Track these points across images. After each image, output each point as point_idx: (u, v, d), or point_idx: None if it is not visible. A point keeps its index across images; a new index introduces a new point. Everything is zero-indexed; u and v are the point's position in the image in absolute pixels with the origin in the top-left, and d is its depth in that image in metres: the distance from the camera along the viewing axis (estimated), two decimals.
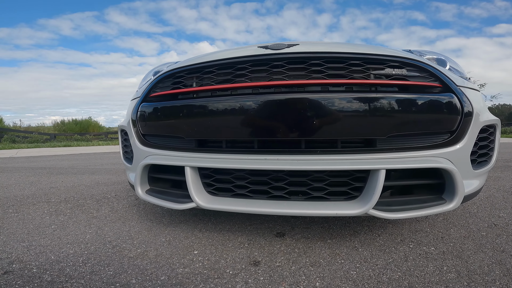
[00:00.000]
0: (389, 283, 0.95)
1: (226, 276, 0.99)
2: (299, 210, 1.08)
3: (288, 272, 1.01)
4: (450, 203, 1.11)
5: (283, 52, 1.16)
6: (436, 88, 1.14)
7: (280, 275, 0.99)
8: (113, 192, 2.30)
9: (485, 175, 1.42)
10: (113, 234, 1.38)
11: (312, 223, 1.49)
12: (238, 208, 1.12)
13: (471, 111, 1.16)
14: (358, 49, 1.18)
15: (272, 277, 0.98)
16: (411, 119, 1.09)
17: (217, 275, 0.99)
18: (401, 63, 1.13)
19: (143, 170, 1.31)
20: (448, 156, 1.14)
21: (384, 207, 1.09)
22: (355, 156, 1.10)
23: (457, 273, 1.01)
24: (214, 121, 1.15)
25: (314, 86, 1.11)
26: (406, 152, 1.12)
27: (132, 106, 1.46)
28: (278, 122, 1.09)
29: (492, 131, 1.37)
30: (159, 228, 1.44)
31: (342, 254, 1.15)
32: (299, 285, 0.94)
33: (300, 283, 0.94)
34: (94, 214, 1.71)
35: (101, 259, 1.11)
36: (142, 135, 1.36)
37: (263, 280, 0.96)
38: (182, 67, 1.29)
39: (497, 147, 1.40)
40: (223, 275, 0.99)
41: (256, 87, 1.14)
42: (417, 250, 1.19)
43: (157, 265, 1.06)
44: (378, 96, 1.07)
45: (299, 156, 1.11)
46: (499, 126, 1.39)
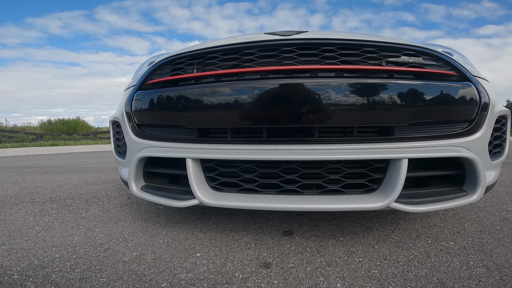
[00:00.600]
0: (417, 280, 0.87)
1: (236, 280, 0.88)
2: (315, 205, 0.98)
3: (304, 274, 0.91)
4: (473, 195, 1.05)
5: (293, 38, 1.09)
6: (453, 77, 1.08)
7: (296, 277, 0.89)
8: (103, 191, 2.15)
9: (499, 167, 1.37)
10: (105, 236, 1.25)
11: (320, 220, 1.40)
12: (247, 204, 1.01)
13: (487, 100, 1.11)
14: (371, 37, 1.13)
15: (287, 280, 0.88)
16: (431, 107, 1.03)
17: (225, 280, 0.88)
18: (416, 52, 1.08)
19: (138, 164, 1.18)
20: (468, 145, 1.09)
21: (406, 199, 1.01)
22: (374, 145, 1.02)
23: (485, 268, 0.93)
24: (220, 107, 1.04)
25: (328, 71, 1.03)
26: (426, 141, 1.05)
27: (126, 96, 1.33)
28: (290, 109, 0.99)
29: (504, 121, 1.33)
30: (156, 229, 1.32)
31: (359, 252, 1.06)
32: (319, 287, 0.84)
33: (319, 285, 0.85)
34: (82, 214, 1.57)
35: (92, 264, 0.99)
36: (137, 126, 1.24)
37: (278, 284, 0.86)
38: (183, 53, 1.18)
39: (508, 138, 1.37)
40: (232, 279, 0.88)
41: (266, 72, 1.04)
42: (436, 245, 1.12)
43: (156, 271, 0.94)
44: (397, 83, 1.00)
45: (313, 146, 1.01)
46: (510, 117, 1.36)
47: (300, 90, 0.99)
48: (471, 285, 0.84)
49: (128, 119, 1.29)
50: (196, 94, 1.07)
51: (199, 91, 1.06)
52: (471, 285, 0.83)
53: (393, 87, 1.00)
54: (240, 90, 1.02)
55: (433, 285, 0.84)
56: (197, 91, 1.07)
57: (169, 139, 1.17)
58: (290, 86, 0.99)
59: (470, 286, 0.83)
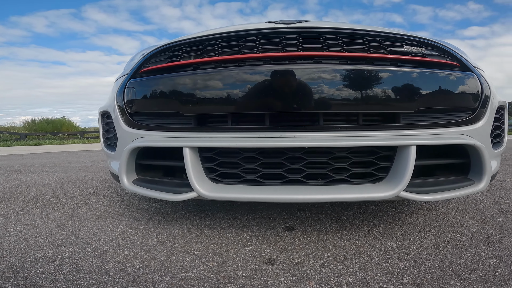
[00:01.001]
0: (431, 272, 0.82)
1: (240, 279, 0.81)
2: (322, 195, 0.93)
3: (312, 269, 0.85)
4: (480, 183, 1.03)
5: (297, 26, 1.07)
6: (456, 67, 1.09)
7: (303, 273, 0.83)
8: (91, 189, 2.04)
9: (500, 157, 1.37)
10: (93, 234, 1.16)
11: (321, 215, 1.34)
12: (249, 196, 0.95)
13: (489, 90, 1.12)
14: (374, 28, 1.14)
15: (294, 277, 0.82)
16: (436, 95, 1.02)
17: (228, 279, 0.81)
18: (419, 42, 1.09)
19: (130, 155, 1.10)
20: (472, 133, 1.08)
21: (415, 188, 0.98)
22: (381, 132, 0.99)
23: (497, 259, 0.90)
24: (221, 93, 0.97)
25: (333, 58, 1.01)
26: (432, 129, 1.04)
27: (117, 85, 1.25)
28: (295, 95, 0.95)
29: (502, 112, 1.34)
30: (149, 227, 1.24)
31: (365, 246, 1.01)
32: (329, 283, 0.78)
33: (330, 281, 0.79)
34: (68, 212, 1.47)
35: (79, 265, 0.90)
36: (130, 115, 1.15)
37: (285, 281, 0.79)
38: (181, 40, 1.12)
39: (506, 128, 1.37)
40: (236, 278, 0.82)
41: (269, 58, 1.00)
42: (443, 237, 1.09)
43: (151, 271, 0.86)
44: (403, 71, 1.00)
45: (319, 133, 0.96)
46: (507, 108, 1.37)
47: (305, 76, 0.95)
48: (488, 275, 0.80)
49: (119, 108, 1.20)
50: (196, 79, 1.00)
51: (200, 77, 0.99)
52: (488, 276, 0.80)
53: (399, 75, 0.99)
54: (243, 75, 0.96)
55: (449, 277, 0.80)
56: (197, 77, 1.00)
57: (164, 128, 1.09)
58: (295, 72, 0.94)
59: (488, 276, 0.79)
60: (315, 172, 1.02)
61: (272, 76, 0.95)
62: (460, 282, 0.77)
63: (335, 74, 0.95)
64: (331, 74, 0.95)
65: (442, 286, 0.76)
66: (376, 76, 0.97)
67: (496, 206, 1.49)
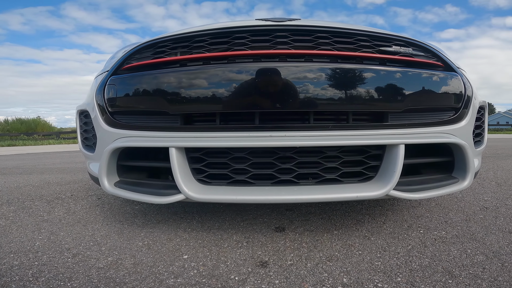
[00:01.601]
0: (423, 270, 0.83)
1: (233, 283, 0.78)
2: (314, 195, 0.92)
3: (306, 271, 0.84)
4: (464, 181, 1.06)
5: (287, 24, 1.06)
6: (440, 67, 1.11)
7: (297, 275, 0.82)
8: (68, 192, 1.94)
9: (481, 155, 1.43)
10: (72, 240, 1.10)
11: (310, 215, 1.34)
12: (239, 197, 0.92)
13: (471, 90, 1.15)
14: (363, 27, 1.14)
15: (289, 279, 0.80)
16: (423, 95, 1.03)
17: (220, 284, 0.78)
18: (406, 42, 1.10)
19: (110, 156, 1.04)
20: (456, 132, 1.10)
21: (404, 187, 0.99)
22: (371, 131, 0.99)
23: (484, 256, 0.92)
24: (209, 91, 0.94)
25: (323, 57, 1.00)
26: (419, 128, 1.05)
27: (97, 82, 1.18)
28: (285, 94, 0.93)
29: (483, 112, 1.39)
30: (133, 231, 1.18)
31: (356, 245, 1.01)
32: (324, 284, 0.77)
33: (325, 282, 0.78)
34: (44, 217, 1.38)
35: (59, 272, 0.84)
36: (110, 114, 1.09)
37: (280, 284, 0.77)
38: (167, 36, 1.08)
39: (486, 128, 1.43)
40: (228, 282, 0.78)
41: (259, 55, 0.98)
42: (429, 235, 1.10)
43: (138, 277, 0.82)
44: (391, 70, 1.00)
45: (309, 132, 0.95)
46: (487, 108, 1.42)
47: (296, 74, 0.93)
48: (477, 272, 0.81)
49: (99, 107, 1.14)
50: (183, 76, 0.96)
51: (188, 74, 0.95)
52: (477, 273, 0.81)
53: (388, 74, 0.99)
54: (232, 73, 0.93)
55: (441, 274, 0.80)
56: (185, 74, 0.96)
57: (148, 127, 1.04)
58: (285, 70, 0.92)
59: (477, 273, 0.81)
60: (306, 172, 1.01)
61: (262, 74, 0.93)
62: (452, 279, 0.78)
63: (325, 73, 0.94)
64: (321, 73, 0.94)
65: (434, 283, 0.76)
66: (366, 75, 0.97)
67: (476, 203, 1.54)
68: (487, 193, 1.77)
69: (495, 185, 1.99)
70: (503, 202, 1.54)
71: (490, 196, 1.69)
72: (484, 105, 1.37)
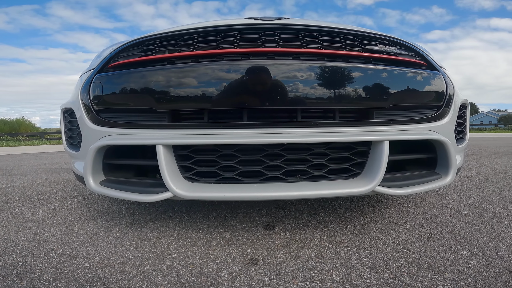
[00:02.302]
0: (410, 265, 0.85)
1: (223, 281, 0.78)
2: (302, 191, 0.92)
3: (295, 267, 0.84)
4: (447, 177, 1.09)
5: (276, 23, 1.07)
6: (423, 66, 1.13)
7: (287, 272, 0.82)
8: (53, 192, 1.89)
9: (463, 152, 1.46)
10: (57, 240, 1.07)
11: (299, 212, 1.35)
12: (228, 194, 0.92)
13: (453, 88, 1.17)
14: (350, 26, 1.15)
15: (279, 276, 0.80)
16: (407, 93, 1.05)
17: (210, 282, 0.77)
18: (391, 42, 1.12)
19: (96, 154, 1.02)
20: (439, 129, 1.13)
21: (389, 183, 1.01)
22: (357, 128, 1.01)
23: (468, 251, 0.94)
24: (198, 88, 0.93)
25: (311, 55, 1.02)
26: (403, 125, 1.07)
27: (82, 80, 1.16)
28: (273, 91, 0.94)
29: (464, 110, 1.43)
30: (120, 230, 1.16)
31: (345, 242, 1.02)
32: (314, 280, 0.77)
33: (314, 278, 0.78)
34: (28, 217, 1.34)
35: (44, 272, 0.82)
36: (96, 112, 1.07)
37: (270, 281, 0.78)
38: (156, 34, 1.07)
39: (468, 125, 1.46)
40: (218, 280, 0.78)
41: (247, 53, 0.98)
42: (415, 231, 1.13)
43: (126, 276, 0.80)
44: (377, 68, 1.02)
45: (297, 129, 0.96)
46: (469, 106, 1.45)
47: (284, 72, 0.94)
48: (461, 267, 0.83)
49: (84, 105, 1.11)
50: (171, 74, 0.95)
51: (176, 72, 0.95)
52: (462, 268, 0.83)
53: (374, 72, 1.01)
54: (221, 71, 0.93)
55: (427, 270, 0.82)
56: (173, 71, 0.95)
57: (135, 125, 1.02)
58: (273, 68, 0.93)
59: (462, 268, 0.83)
60: (294, 168, 1.01)
61: (250, 71, 0.93)
62: (438, 274, 0.80)
63: (313, 71, 0.96)
64: (309, 71, 0.95)
65: (421, 279, 0.78)
66: (352, 73, 0.98)
67: (460, 200, 1.58)
68: (470, 190, 1.82)
69: (478, 182, 2.05)
70: (486, 199, 1.59)
71: (473, 192, 1.74)
72: (466, 103, 1.40)
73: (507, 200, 1.55)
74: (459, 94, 1.30)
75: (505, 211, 1.36)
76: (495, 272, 0.80)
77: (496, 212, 1.34)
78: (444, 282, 0.76)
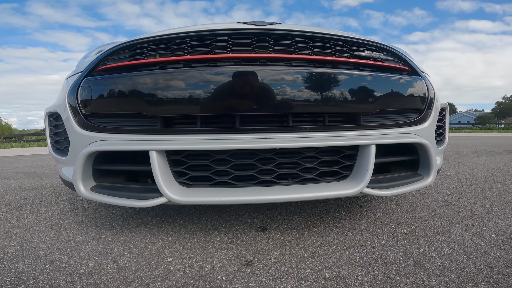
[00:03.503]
0: (397, 263, 0.89)
1: (221, 283, 0.80)
2: (294, 194, 0.95)
3: (290, 268, 0.87)
4: (428, 178, 1.15)
5: (268, 28, 1.09)
6: (407, 72, 1.19)
7: (283, 272, 0.85)
8: (37, 197, 1.84)
9: (443, 153, 1.54)
10: (47, 246, 1.06)
11: (290, 213, 1.38)
12: (222, 199, 0.93)
13: (433, 93, 1.24)
14: (339, 32, 1.19)
15: (274, 276, 0.83)
16: (392, 98, 1.10)
17: (208, 284, 0.79)
18: (377, 48, 1.17)
19: (86, 160, 1.00)
20: (420, 133, 1.19)
21: (375, 184, 1.05)
22: (345, 132, 1.05)
23: (450, 248, 1.00)
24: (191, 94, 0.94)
25: (301, 61, 1.05)
26: (387, 129, 1.12)
27: (69, 84, 1.14)
28: (266, 97, 0.97)
29: (444, 113, 1.50)
30: (112, 235, 1.16)
31: (335, 241, 1.06)
32: (308, 279, 0.81)
33: (309, 277, 0.81)
34: (14, 224, 1.31)
35: (38, 279, 0.81)
36: (84, 117, 1.05)
37: (267, 281, 0.80)
38: (146, 38, 1.07)
39: (448, 128, 1.54)
40: (216, 283, 0.80)
41: (240, 59, 1.00)
42: (400, 230, 1.18)
43: (124, 281, 0.81)
44: (365, 75, 1.06)
45: (289, 134, 0.99)
46: (448, 109, 1.53)
47: (276, 78, 0.97)
48: (445, 264, 0.89)
49: (72, 109, 1.09)
50: (164, 79, 0.95)
51: (168, 76, 0.95)
52: (445, 264, 0.88)
53: (362, 78, 1.05)
54: (213, 76, 0.94)
55: (413, 266, 0.87)
56: (165, 76, 0.95)
57: (126, 130, 1.01)
58: (265, 73, 0.96)
59: (445, 265, 0.88)
60: (286, 172, 1.04)
61: (242, 77, 0.95)
62: (423, 271, 0.85)
63: (303, 77, 0.98)
64: (300, 77, 0.98)
65: (408, 275, 0.82)
66: (341, 80, 1.02)
67: (440, 198, 1.66)
68: (450, 188, 1.91)
69: (457, 181, 2.15)
70: (465, 197, 1.68)
71: (453, 191, 1.83)
72: (445, 106, 1.47)
73: (485, 199, 1.64)
74: (440, 98, 1.37)
75: (483, 209, 1.43)
76: (476, 268, 0.86)
77: (475, 210, 1.42)
78: (429, 278, 0.81)
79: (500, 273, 0.82)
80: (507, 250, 0.97)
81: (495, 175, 2.37)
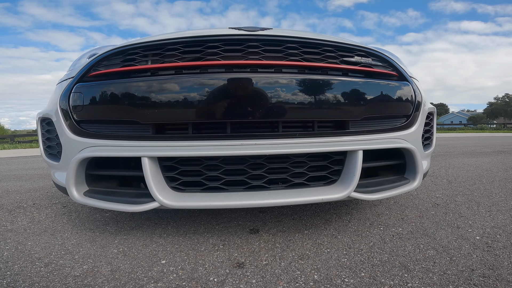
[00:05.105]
0: (383, 265, 0.92)
1: (212, 285, 0.82)
2: (283, 199, 0.98)
3: (280, 270, 0.90)
4: (414, 182, 1.18)
5: (258, 34, 1.10)
6: (395, 77, 1.21)
7: (273, 274, 0.88)
8: (30, 200, 1.84)
9: (430, 157, 1.57)
10: (41, 249, 1.07)
11: (282, 216, 1.41)
12: (213, 203, 0.96)
13: (420, 98, 1.27)
14: (329, 37, 1.20)
15: (265, 278, 0.85)
16: (379, 103, 1.13)
17: (201, 286, 0.81)
18: (367, 53, 1.19)
19: (79, 166, 1.02)
20: (407, 138, 1.22)
21: (363, 189, 1.08)
22: (334, 138, 1.07)
23: (435, 250, 1.04)
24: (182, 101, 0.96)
25: (292, 67, 1.06)
26: (375, 135, 1.15)
27: (60, 89, 1.15)
28: (257, 104, 0.99)
29: (432, 117, 1.53)
30: (106, 238, 1.17)
31: (325, 244, 1.09)
32: (297, 281, 0.83)
33: (298, 279, 0.84)
34: (7, 227, 1.32)
35: (34, 281, 0.83)
36: (77, 122, 1.07)
37: (257, 283, 0.83)
38: (138, 43, 1.08)
39: (435, 132, 1.58)
40: (208, 284, 0.82)
41: (231, 65, 1.01)
42: (388, 232, 1.21)
43: (118, 283, 0.83)
44: (353, 81, 1.08)
45: (279, 140, 1.01)
46: (435, 113, 1.56)
47: (266, 85, 0.99)
48: (428, 266, 0.92)
49: (64, 115, 1.10)
50: (155, 86, 0.97)
51: (160, 83, 0.97)
52: (429, 266, 0.92)
53: (350, 84, 1.08)
54: (204, 83, 0.96)
55: (398, 268, 0.90)
56: (157, 83, 0.97)
57: (118, 136, 1.03)
58: (256, 80, 0.98)
59: (428, 267, 0.91)
60: (276, 177, 1.07)
61: (233, 84, 0.97)
62: (408, 273, 0.88)
63: (293, 84, 1.00)
64: (290, 84, 1.00)
65: (393, 277, 0.86)
66: (330, 86, 1.04)
67: (429, 200, 1.70)
68: (438, 190, 1.95)
69: (446, 182, 2.20)
70: (452, 199, 1.72)
71: (441, 193, 1.87)
72: (433, 111, 1.50)
73: (472, 200, 1.68)
74: (427, 102, 1.40)
75: (469, 211, 1.48)
76: (458, 271, 0.89)
77: (462, 212, 1.46)
78: (413, 280, 0.84)
79: (481, 276, 0.86)
80: (490, 252, 1.01)
81: (484, 176, 2.42)
